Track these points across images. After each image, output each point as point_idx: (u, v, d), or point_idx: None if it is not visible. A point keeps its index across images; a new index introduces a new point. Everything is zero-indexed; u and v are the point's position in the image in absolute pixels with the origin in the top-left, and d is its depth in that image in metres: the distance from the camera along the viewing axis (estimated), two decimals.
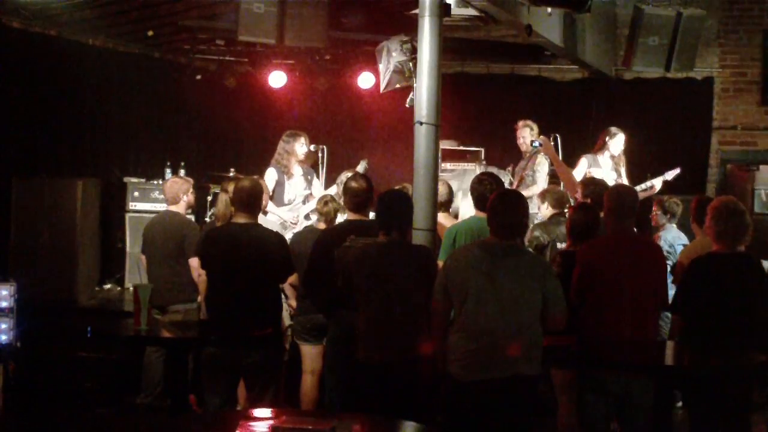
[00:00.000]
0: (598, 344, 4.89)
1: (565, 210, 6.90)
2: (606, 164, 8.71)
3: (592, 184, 6.65)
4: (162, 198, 7.75)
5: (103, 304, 8.36)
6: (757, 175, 10.10)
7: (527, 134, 8.64)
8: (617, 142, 8.65)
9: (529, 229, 6.47)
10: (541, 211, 7.12)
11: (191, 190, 7.21)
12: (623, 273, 4.96)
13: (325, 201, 6.55)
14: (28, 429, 6.41)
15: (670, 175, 8.67)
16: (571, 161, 8.99)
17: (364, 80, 10.46)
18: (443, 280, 4.58)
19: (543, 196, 7.06)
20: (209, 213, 8.71)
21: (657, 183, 8.47)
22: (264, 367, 5.57)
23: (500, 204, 4.64)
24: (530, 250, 6.04)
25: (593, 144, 9.09)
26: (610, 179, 8.56)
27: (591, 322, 4.97)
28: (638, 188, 8.48)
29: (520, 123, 8.76)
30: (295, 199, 8.20)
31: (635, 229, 5.46)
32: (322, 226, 6.44)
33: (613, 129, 8.72)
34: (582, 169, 8.71)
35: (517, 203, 4.67)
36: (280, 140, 8.31)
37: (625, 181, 8.69)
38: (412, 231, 5.35)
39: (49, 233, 8.19)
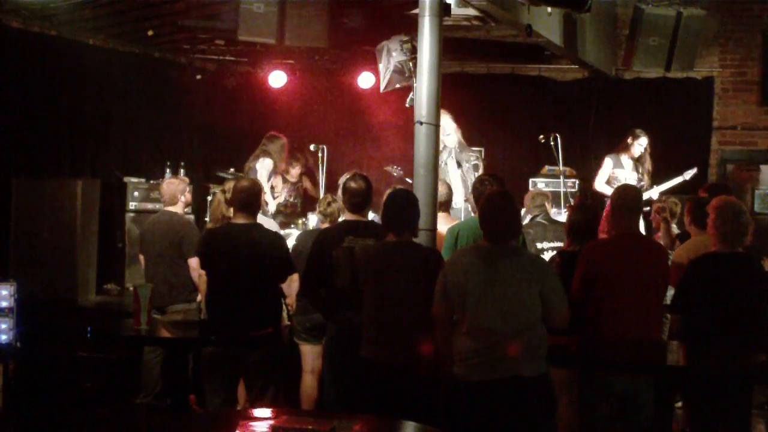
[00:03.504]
0: (603, 345, 4.88)
1: (563, 211, 7.02)
2: (628, 164, 8.83)
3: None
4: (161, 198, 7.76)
5: (103, 304, 8.36)
6: (757, 175, 10.11)
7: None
8: (639, 144, 8.83)
9: None
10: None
11: (188, 189, 7.22)
12: (627, 273, 4.94)
13: (328, 201, 6.54)
14: (28, 429, 6.39)
15: (689, 174, 8.78)
16: (571, 161, 9.02)
17: (364, 80, 10.45)
18: (443, 285, 4.56)
19: (528, 198, 7.32)
20: (209, 213, 8.72)
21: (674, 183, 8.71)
22: (264, 367, 5.57)
23: (488, 208, 4.62)
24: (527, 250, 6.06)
25: (593, 144, 9.12)
26: (632, 179, 8.68)
27: (595, 322, 4.96)
28: (661, 188, 8.67)
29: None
30: None
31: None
32: (326, 226, 6.44)
33: (637, 131, 8.93)
34: (607, 170, 8.90)
35: (506, 205, 4.62)
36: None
37: (646, 182, 8.85)
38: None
39: (49, 233, 8.18)
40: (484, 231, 4.60)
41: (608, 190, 8.83)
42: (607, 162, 8.96)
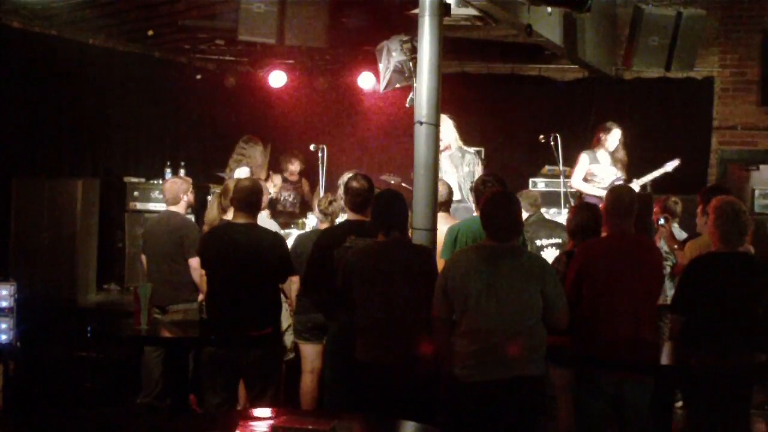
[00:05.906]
0: (593, 344, 4.89)
1: (563, 211, 7.02)
2: (605, 160, 8.74)
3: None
4: (162, 198, 7.77)
5: (103, 304, 8.36)
6: (757, 175, 10.10)
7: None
8: (613, 137, 8.73)
9: None
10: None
11: (191, 189, 7.22)
12: (620, 273, 4.95)
13: (329, 201, 6.54)
14: (28, 429, 6.40)
15: (671, 166, 8.71)
16: (571, 161, 9.01)
17: (364, 80, 10.45)
18: (443, 285, 4.56)
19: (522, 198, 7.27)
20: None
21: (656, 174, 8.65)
22: (264, 366, 5.57)
23: (491, 207, 4.62)
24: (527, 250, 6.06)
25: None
26: (610, 174, 8.63)
27: (587, 321, 4.96)
28: (642, 181, 8.62)
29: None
30: None
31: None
32: (325, 225, 6.44)
33: (608, 124, 8.82)
34: (583, 166, 8.77)
35: (508, 205, 4.62)
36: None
37: (623, 175, 8.79)
38: (408, 230, 5.36)
39: (49, 233, 8.18)
40: (486, 230, 4.61)
41: (585, 187, 8.78)
42: (583, 158, 8.80)
